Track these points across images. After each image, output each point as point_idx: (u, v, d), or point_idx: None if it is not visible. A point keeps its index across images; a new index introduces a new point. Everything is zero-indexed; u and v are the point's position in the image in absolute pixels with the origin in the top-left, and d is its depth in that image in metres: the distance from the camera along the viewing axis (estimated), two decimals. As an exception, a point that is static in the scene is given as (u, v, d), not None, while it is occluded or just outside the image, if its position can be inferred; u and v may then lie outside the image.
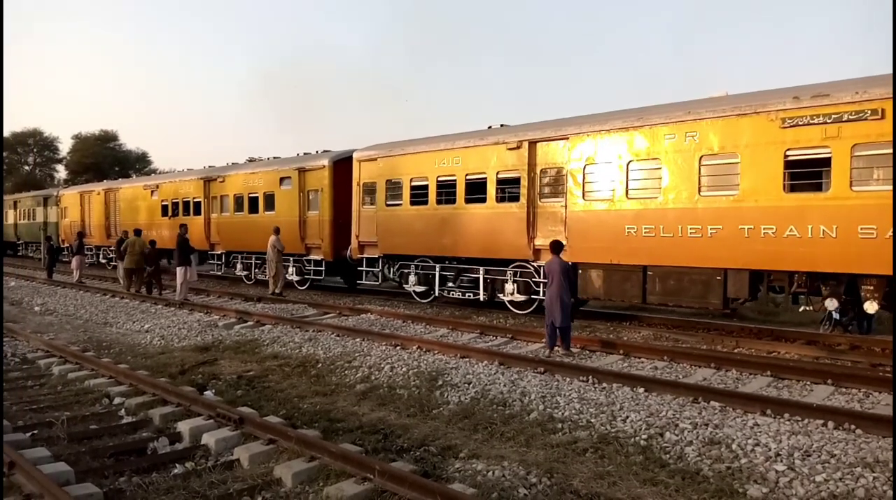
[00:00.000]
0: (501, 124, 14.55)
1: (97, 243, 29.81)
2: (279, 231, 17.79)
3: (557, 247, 10.04)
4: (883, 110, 8.74)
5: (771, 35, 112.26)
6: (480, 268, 14.09)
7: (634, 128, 11.37)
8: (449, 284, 14.90)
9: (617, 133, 11.60)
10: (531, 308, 13.39)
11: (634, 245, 11.26)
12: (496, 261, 13.77)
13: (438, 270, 14.97)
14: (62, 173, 66.45)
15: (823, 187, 9.54)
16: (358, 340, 10.66)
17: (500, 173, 13.50)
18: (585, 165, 12.00)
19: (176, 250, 17.17)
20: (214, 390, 8.02)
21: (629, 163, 11.41)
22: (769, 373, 8.24)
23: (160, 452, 5.76)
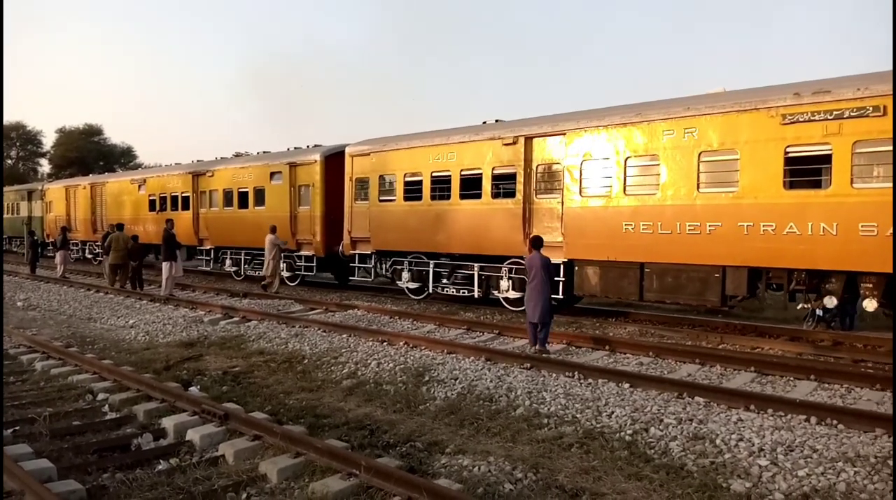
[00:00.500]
0: (497, 120, 14.43)
1: (83, 238, 29.52)
2: (276, 230, 17.37)
3: (537, 242, 9.75)
4: (884, 107, 8.72)
5: (771, 33, 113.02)
6: (475, 264, 14.05)
7: (632, 124, 11.33)
8: (443, 280, 14.85)
9: (615, 129, 11.56)
10: (526, 305, 13.40)
11: (632, 242, 11.24)
12: (491, 257, 13.72)
13: (432, 266, 14.92)
14: (46, 167, 65.78)
15: (824, 184, 9.51)
16: (345, 336, 10.62)
17: (495, 169, 13.44)
18: (582, 161, 11.97)
19: (162, 246, 17.02)
20: (199, 386, 7.96)
21: (627, 159, 11.38)
22: (753, 369, 8.32)
23: (144, 448, 5.70)
